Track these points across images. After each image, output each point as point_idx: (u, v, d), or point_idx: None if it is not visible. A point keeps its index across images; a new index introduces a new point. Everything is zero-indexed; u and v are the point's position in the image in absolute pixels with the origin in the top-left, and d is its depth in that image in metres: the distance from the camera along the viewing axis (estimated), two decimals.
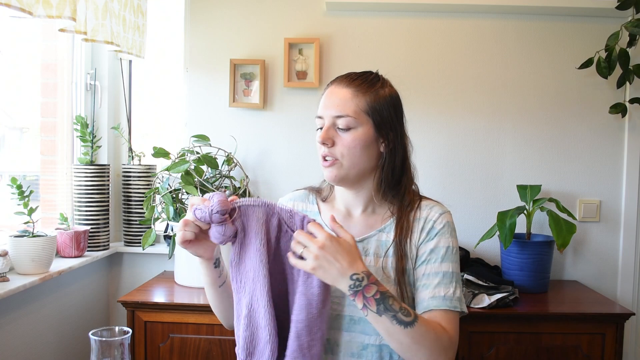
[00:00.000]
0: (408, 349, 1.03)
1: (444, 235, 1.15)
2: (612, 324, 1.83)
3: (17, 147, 2.21)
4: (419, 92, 2.25)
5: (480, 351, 1.82)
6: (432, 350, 1.04)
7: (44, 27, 2.09)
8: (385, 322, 1.01)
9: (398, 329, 1.01)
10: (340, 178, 1.14)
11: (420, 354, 1.04)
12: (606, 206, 2.27)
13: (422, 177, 2.20)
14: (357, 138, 1.12)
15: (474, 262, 2.17)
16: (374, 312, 1.01)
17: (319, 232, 1.02)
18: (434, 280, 1.12)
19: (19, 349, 1.74)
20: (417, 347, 1.03)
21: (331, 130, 1.13)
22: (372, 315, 1.02)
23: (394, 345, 1.04)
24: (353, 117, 1.12)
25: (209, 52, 2.28)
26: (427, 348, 1.03)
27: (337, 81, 1.18)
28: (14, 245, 1.74)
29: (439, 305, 1.09)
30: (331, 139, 1.12)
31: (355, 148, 1.12)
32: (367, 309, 1.01)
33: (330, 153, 1.13)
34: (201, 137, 2.11)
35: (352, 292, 1.01)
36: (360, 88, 1.14)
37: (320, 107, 1.17)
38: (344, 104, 1.13)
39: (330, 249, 1.00)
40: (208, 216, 0.99)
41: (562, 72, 2.25)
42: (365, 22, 2.26)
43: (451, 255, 1.14)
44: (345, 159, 1.13)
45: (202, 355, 1.85)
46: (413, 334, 1.02)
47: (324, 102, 1.17)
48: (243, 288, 1.05)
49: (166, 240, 2.23)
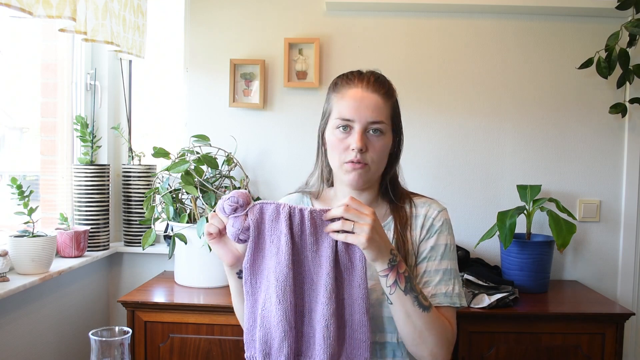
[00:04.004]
0: (419, 335, 1.06)
1: (442, 232, 1.18)
2: (612, 324, 1.83)
3: (17, 147, 2.21)
4: (418, 92, 2.25)
5: (480, 351, 1.82)
6: (439, 339, 1.07)
7: (44, 27, 2.08)
8: (407, 302, 1.04)
9: (417, 311, 1.04)
10: (364, 182, 1.16)
11: (429, 341, 1.07)
12: (606, 206, 2.27)
13: (422, 176, 2.23)
14: (386, 144, 1.16)
15: (474, 262, 2.17)
16: (402, 290, 1.03)
17: (362, 206, 1.00)
18: (434, 277, 1.15)
19: (19, 349, 1.74)
20: (428, 334, 1.06)
21: (365, 136, 1.13)
22: (398, 294, 1.03)
23: (408, 329, 1.06)
24: (386, 123, 1.15)
25: (209, 52, 2.28)
26: (435, 336, 1.07)
27: (360, 83, 1.15)
28: (14, 245, 1.74)
29: (442, 302, 1.13)
30: (366, 144, 1.13)
31: (383, 153, 1.16)
32: (396, 285, 1.03)
33: (362, 158, 1.13)
34: (201, 137, 2.11)
35: (389, 267, 1.02)
36: (386, 95, 1.16)
37: (348, 108, 1.14)
38: (379, 110, 1.13)
39: (377, 223, 1.00)
40: (221, 205, 1.02)
41: (562, 72, 2.25)
42: (365, 22, 2.26)
43: (450, 253, 1.18)
44: (374, 164, 1.15)
45: (202, 355, 1.85)
46: (427, 319, 1.05)
47: (353, 104, 1.13)
48: (258, 288, 1.05)
49: (166, 240, 2.23)
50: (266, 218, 1.03)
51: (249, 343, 1.06)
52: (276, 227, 1.03)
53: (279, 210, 1.03)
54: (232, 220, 1.02)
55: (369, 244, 0.98)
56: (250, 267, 1.04)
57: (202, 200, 1.95)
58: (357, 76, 1.18)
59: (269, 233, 1.03)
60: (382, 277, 1.04)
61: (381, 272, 1.03)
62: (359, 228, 0.98)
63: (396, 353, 1.15)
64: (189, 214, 1.99)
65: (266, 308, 1.03)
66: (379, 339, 1.14)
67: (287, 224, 1.02)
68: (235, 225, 1.02)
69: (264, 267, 1.04)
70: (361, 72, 1.19)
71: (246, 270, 1.04)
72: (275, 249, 1.02)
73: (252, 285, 1.05)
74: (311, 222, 1.02)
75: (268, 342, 1.03)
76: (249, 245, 1.04)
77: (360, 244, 0.98)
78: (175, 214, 1.99)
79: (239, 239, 1.03)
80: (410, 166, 1.28)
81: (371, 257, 1.01)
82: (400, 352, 1.15)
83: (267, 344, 1.03)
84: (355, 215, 0.99)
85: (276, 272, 1.01)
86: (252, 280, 1.05)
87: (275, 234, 1.03)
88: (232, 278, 1.13)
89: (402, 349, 1.15)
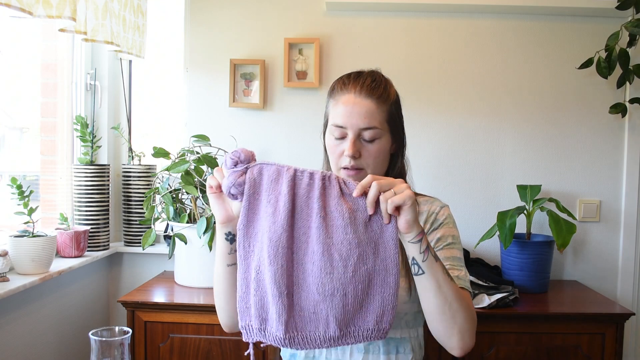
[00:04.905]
0: (449, 308, 1.01)
1: (447, 225, 1.20)
2: (612, 324, 1.83)
3: (17, 147, 2.21)
4: (418, 92, 2.25)
5: (480, 351, 1.82)
6: (467, 314, 1.04)
7: (44, 27, 2.08)
8: (439, 270, 1.00)
9: (447, 280, 1.01)
10: None
11: (458, 315, 1.02)
12: (606, 206, 2.27)
13: (422, 176, 2.23)
14: (382, 148, 1.15)
15: (474, 262, 2.17)
16: (433, 256, 1.00)
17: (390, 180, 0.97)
18: (445, 263, 1.14)
19: (19, 349, 1.74)
20: (458, 306, 1.01)
21: (357, 142, 1.13)
22: (430, 261, 0.99)
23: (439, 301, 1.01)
24: (379, 128, 1.14)
25: (209, 52, 2.28)
26: (465, 310, 1.03)
27: (353, 89, 1.15)
28: (14, 245, 1.74)
29: (459, 284, 1.11)
30: (359, 150, 1.13)
31: (379, 157, 1.16)
32: (428, 251, 0.99)
33: (357, 164, 1.14)
34: (201, 137, 2.11)
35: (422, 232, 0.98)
36: (380, 98, 1.15)
37: (340, 116, 1.14)
38: (370, 115, 1.13)
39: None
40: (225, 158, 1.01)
41: (562, 72, 2.25)
42: (365, 22, 2.26)
43: (457, 244, 1.19)
44: (370, 168, 1.15)
45: (202, 355, 1.85)
46: (457, 290, 1.02)
47: (345, 111, 1.13)
48: (252, 252, 1.00)
49: (166, 240, 2.23)
50: (265, 178, 1.00)
51: (243, 311, 1.00)
52: (275, 188, 0.99)
53: (280, 172, 0.99)
54: (228, 173, 1.00)
55: (413, 208, 0.95)
56: (244, 228, 1.00)
57: (202, 200, 1.95)
58: (353, 81, 1.16)
59: (266, 193, 0.99)
60: (415, 244, 0.99)
61: (414, 238, 0.98)
62: (399, 188, 0.95)
63: (399, 349, 1.15)
64: (189, 214, 1.99)
65: (261, 271, 0.98)
66: None
67: (289, 185, 0.97)
68: (230, 178, 0.99)
69: (258, 228, 0.99)
70: (359, 75, 1.18)
71: (240, 231, 1.00)
72: (272, 209, 0.98)
73: (244, 248, 1.00)
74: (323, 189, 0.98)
75: (265, 307, 0.98)
76: (243, 204, 1.00)
77: (408, 198, 0.94)
78: (175, 214, 1.99)
79: (230, 194, 1.00)
80: (410, 166, 1.28)
81: (412, 217, 0.96)
82: (403, 347, 1.15)
83: (264, 309, 0.98)
84: (388, 183, 0.96)
85: (270, 232, 0.96)
86: (244, 243, 1.00)
87: (273, 194, 0.98)
88: (221, 239, 1.09)
89: (405, 345, 1.15)
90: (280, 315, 0.97)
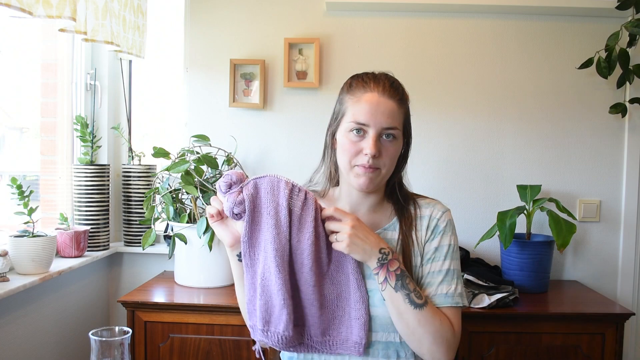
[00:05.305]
0: (413, 333, 1.09)
1: (446, 233, 1.20)
2: (612, 324, 1.83)
3: (17, 147, 2.21)
4: (418, 92, 2.25)
5: (480, 351, 1.82)
6: (435, 337, 1.09)
7: (44, 27, 2.08)
8: (398, 300, 1.08)
9: (409, 308, 1.08)
10: (375, 186, 1.17)
11: (424, 339, 1.09)
12: (606, 206, 2.27)
13: (422, 177, 2.23)
14: (398, 149, 1.18)
15: (474, 262, 2.17)
16: (392, 287, 1.08)
17: (344, 215, 1.10)
18: (437, 278, 1.16)
19: (19, 349, 1.74)
20: (422, 332, 1.09)
21: (378, 142, 1.14)
22: (388, 291, 1.08)
23: (401, 326, 1.10)
24: (399, 129, 1.16)
25: (209, 52, 2.28)
26: (430, 334, 1.09)
27: (376, 88, 1.15)
28: (14, 245, 1.74)
29: (442, 303, 1.15)
30: (379, 150, 1.14)
31: (395, 158, 1.18)
32: (386, 282, 1.08)
33: (375, 163, 1.14)
34: (201, 137, 2.11)
35: (379, 265, 1.08)
36: (401, 100, 1.18)
37: (363, 113, 1.13)
38: (393, 116, 1.15)
39: (359, 228, 1.09)
40: (218, 185, 1.08)
41: (562, 72, 2.25)
42: (365, 22, 2.26)
43: (452, 253, 1.19)
44: (386, 168, 1.17)
45: (202, 355, 1.85)
46: (420, 317, 1.08)
47: (370, 109, 1.13)
48: (257, 260, 1.09)
49: (166, 240, 2.23)
50: (261, 191, 1.08)
51: (251, 313, 1.11)
52: (272, 200, 1.07)
53: (274, 184, 1.08)
54: (227, 196, 1.07)
55: (350, 249, 1.08)
56: (248, 240, 1.08)
57: (202, 200, 1.95)
58: (373, 79, 1.17)
59: (265, 205, 1.07)
60: (375, 275, 1.10)
61: (372, 270, 1.10)
62: (340, 236, 1.08)
63: (400, 353, 1.15)
64: (189, 214, 1.99)
65: (265, 277, 1.06)
66: (383, 338, 1.14)
67: (286, 199, 1.07)
68: (230, 199, 1.06)
69: (261, 239, 1.08)
70: (375, 75, 1.19)
71: (244, 243, 1.08)
72: (273, 220, 1.06)
73: (250, 257, 1.09)
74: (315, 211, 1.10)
75: (268, 310, 1.07)
76: (245, 219, 1.07)
77: (342, 249, 1.08)
78: (175, 214, 1.99)
79: (234, 214, 1.07)
80: (410, 166, 1.29)
81: (357, 259, 1.10)
82: (404, 352, 1.15)
83: (268, 312, 1.07)
84: (336, 225, 1.09)
85: (274, 243, 1.05)
86: (250, 253, 1.09)
87: (271, 206, 1.07)
88: (234, 262, 1.16)
89: (406, 349, 1.15)
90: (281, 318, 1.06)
